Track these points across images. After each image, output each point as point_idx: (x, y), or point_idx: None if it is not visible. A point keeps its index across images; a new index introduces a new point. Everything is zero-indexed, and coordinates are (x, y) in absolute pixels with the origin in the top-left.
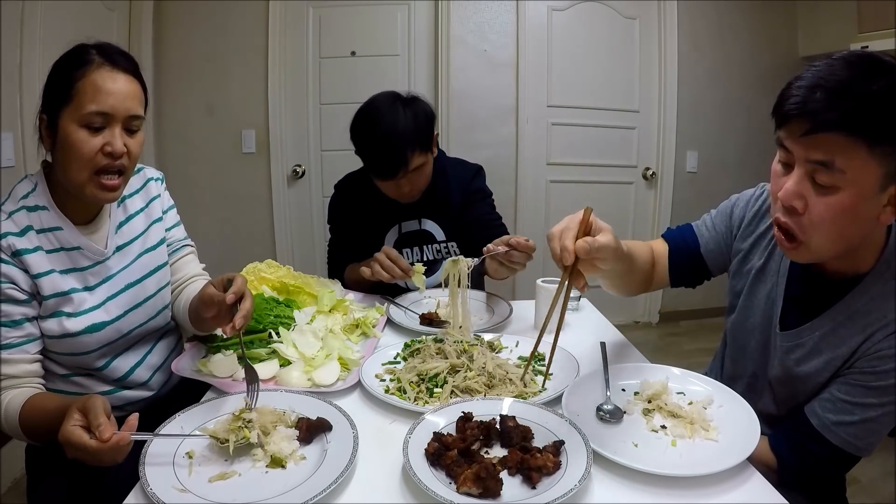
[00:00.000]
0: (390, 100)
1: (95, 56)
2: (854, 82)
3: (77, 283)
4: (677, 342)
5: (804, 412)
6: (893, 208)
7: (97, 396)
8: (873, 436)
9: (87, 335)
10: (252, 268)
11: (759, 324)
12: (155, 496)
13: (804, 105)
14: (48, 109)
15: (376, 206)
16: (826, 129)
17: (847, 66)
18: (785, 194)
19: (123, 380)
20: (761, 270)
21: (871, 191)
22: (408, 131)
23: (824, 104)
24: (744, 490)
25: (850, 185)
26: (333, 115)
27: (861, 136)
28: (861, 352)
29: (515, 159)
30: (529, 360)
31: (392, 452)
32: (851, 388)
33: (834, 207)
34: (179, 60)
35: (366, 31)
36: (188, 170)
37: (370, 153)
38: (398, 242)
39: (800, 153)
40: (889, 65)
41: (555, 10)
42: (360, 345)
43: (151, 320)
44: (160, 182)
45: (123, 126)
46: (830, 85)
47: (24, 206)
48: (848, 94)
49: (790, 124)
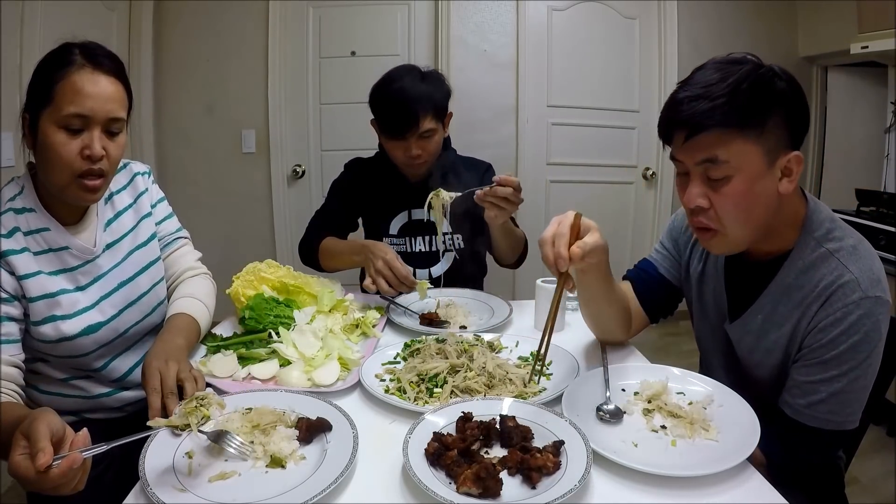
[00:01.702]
0: (409, 67)
1: (78, 56)
2: (712, 83)
3: (68, 283)
4: (677, 342)
5: (778, 406)
6: (788, 178)
7: (44, 416)
8: (849, 406)
9: (84, 337)
10: (252, 268)
11: (715, 324)
12: (155, 496)
13: (678, 116)
14: (30, 109)
15: (386, 190)
16: (700, 130)
17: (712, 70)
18: (688, 198)
19: (122, 380)
20: (702, 273)
21: (758, 170)
22: (423, 92)
23: (693, 110)
24: (744, 490)
25: (738, 171)
26: (333, 115)
27: (730, 126)
28: (802, 327)
29: (515, 159)
30: (539, 353)
31: (392, 452)
32: (809, 368)
33: (733, 195)
34: (179, 60)
35: (366, 31)
36: (188, 170)
37: (383, 110)
38: (405, 228)
39: (688, 159)
40: (745, 59)
41: (555, 10)
42: (360, 345)
43: (147, 318)
44: (147, 176)
45: (104, 129)
46: (694, 92)
47: (11, 209)
48: (711, 95)
49: (674, 137)
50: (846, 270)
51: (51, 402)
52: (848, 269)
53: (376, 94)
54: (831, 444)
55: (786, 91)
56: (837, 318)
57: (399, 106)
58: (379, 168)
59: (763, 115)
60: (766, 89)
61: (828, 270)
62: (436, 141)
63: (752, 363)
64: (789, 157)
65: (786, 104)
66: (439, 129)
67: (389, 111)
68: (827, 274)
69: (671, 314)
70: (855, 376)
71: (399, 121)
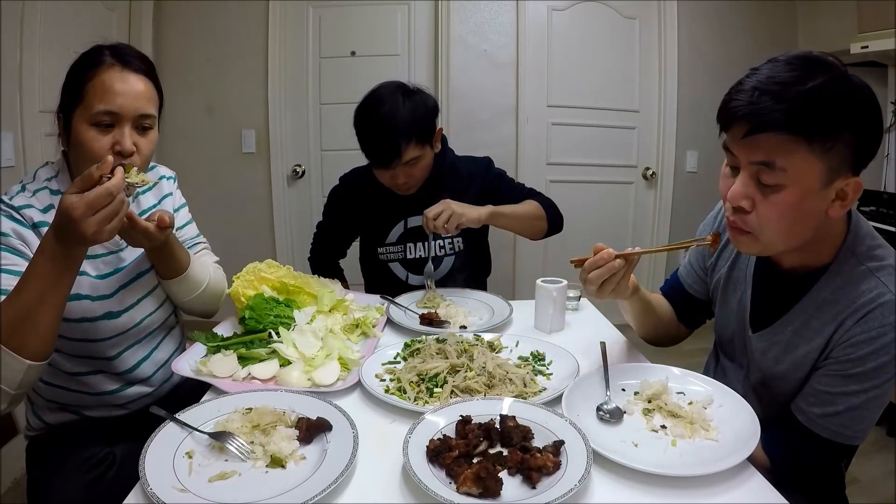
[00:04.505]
0: (392, 89)
1: (107, 57)
2: (792, 82)
3: (91, 269)
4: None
5: (790, 410)
6: (841, 202)
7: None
8: (861, 423)
9: (105, 322)
10: (252, 268)
11: (736, 331)
12: (155, 496)
13: (744, 108)
14: (64, 109)
15: (383, 201)
16: (764, 129)
17: (788, 66)
18: (732, 196)
19: (129, 373)
20: (728, 280)
21: (814, 187)
22: (405, 122)
23: (762, 106)
24: (744, 490)
25: (793, 183)
26: (333, 115)
27: (798, 134)
28: (834, 341)
29: (515, 159)
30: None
31: (392, 452)
32: (831, 379)
33: (779, 205)
34: (179, 60)
35: (366, 31)
36: (188, 170)
37: (366, 140)
38: (403, 237)
39: (743, 155)
40: (829, 63)
41: (555, 10)
42: (360, 345)
43: (160, 308)
44: (172, 181)
45: (134, 125)
46: (769, 87)
47: (47, 187)
48: (784, 95)
49: (732, 128)
50: (887, 290)
51: (54, 394)
52: (889, 289)
53: (358, 119)
54: (837, 456)
55: (865, 111)
56: (872, 337)
57: (379, 137)
58: (373, 178)
59: (837, 130)
60: (846, 104)
61: (867, 288)
62: (423, 165)
63: (777, 374)
64: (849, 182)
65: (861, 125)
66: (426, 153)
67: (371, 142)
68: (866, 291)
69: (709, 318)
70: (874, 395)
71: (380, 152)
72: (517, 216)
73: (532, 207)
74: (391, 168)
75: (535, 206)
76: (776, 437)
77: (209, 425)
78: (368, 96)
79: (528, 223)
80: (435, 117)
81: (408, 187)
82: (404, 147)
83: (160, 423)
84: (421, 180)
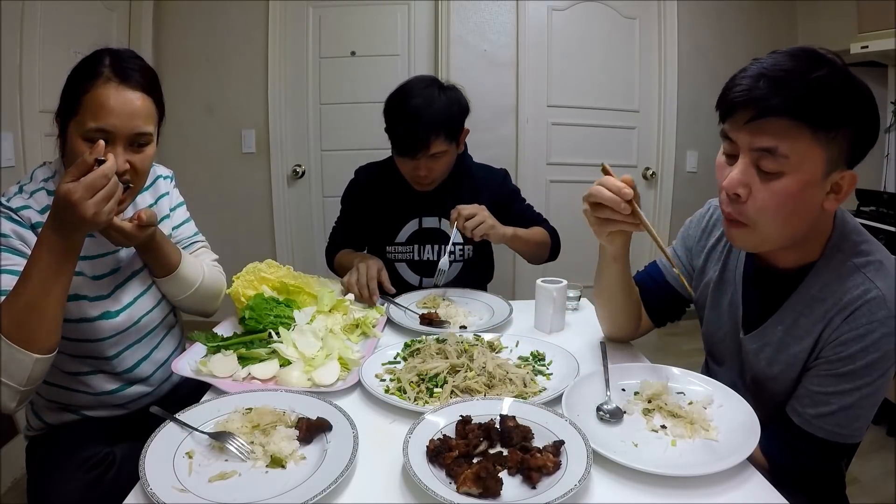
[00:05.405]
0: (428, 82)
1: (106, 69)
2: (796, 71)
3: (87, 269)
4: (677, 342)
5: (786, 412)
6: (836, 195)
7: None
8: (857, 421)
9: (103, 321)
10: (252, 268)
11: (728, 333)
12: (155, 496)
13: (749, 93)
14: (60, 115)
15: (398, 197)
16: (770, 114)
17: (790, 57)
18: (729, 183)
19: (129, 373)
20: (719, 281)
21: (815, 176)
22: (437, 114)
23: (768, 91)
24: (744, 490)
25: (795, 171)
26: (333, 115)
27: (804, 121)
28: (823, 340)
29: (515, 159)
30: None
31: (392, 452)
32: (823, 379)
33: (779, 193)
34: (179, 60)
35: (366, 31)
36: (188, 170)
37: (395, 127)
38: (415, 236)
39: (744, 141)
40: (828, 58)
41: (555, 10)
42: (360, 345)
43: (157, 306)
44: (169, 180)
45: (128, 143)
46: (774, 74)
47: (44, 188)
48: (790, 82)
49: (735, 114)
50: (873, 286)
51: (55, 394)
52: (875, 285)
53: (390, 106)
54: (835, 456)
55: (865, 105)
56: (860, 335)
57: (410, 125)
58: (390, 174)
59: (839, 121)
60: (849, 96)
61: (854, 284)
62: (446, 161)
63: (770, 375)
64: (844, 175)
65: (861, 119)
66: (451, 150)
67: (400, 129)
68: (853, 288)
69: (678, 319)
70: (867, 392)
71: (409, 141)
72: (531, 242)
73: (541, 235)
74: (416, 158)
75: (543, 234)
76: (774, 438)
77: (209, 425)
78: (402, 86)
79: (536, 250)
80: (465, 116)
81: (427, 182)
82: (433, 139)
83: (160, 423)
84: (441, 177)
